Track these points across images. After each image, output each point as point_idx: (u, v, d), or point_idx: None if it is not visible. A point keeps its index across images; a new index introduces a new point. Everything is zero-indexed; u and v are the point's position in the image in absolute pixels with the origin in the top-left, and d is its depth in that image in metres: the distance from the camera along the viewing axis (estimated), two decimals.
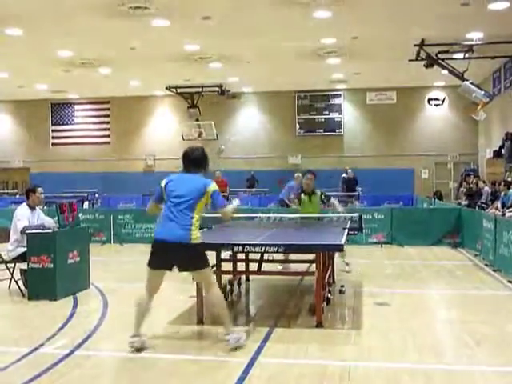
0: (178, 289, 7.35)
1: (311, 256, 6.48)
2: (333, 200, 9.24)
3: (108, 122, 25.52)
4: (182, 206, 5.10)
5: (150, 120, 25.36)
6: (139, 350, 5.15)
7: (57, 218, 7.76)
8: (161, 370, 4.79)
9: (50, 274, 7.35)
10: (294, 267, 8.53)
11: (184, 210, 5.10)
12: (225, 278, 7.59)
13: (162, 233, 5.14)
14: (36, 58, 17.07)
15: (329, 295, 7.00)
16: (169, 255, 5.10)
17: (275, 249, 5.90)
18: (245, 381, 4.46)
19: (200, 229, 5.34)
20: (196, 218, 5.15)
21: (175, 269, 5.23)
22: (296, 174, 14.21)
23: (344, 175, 20.97)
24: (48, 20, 13.17)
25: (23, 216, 7.83)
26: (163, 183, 5.28)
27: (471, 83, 16.07)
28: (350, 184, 20.26)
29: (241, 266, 7.88)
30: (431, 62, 15.75)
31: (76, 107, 25.78)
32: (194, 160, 5.31)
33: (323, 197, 9.12)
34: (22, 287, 7.73)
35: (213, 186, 5.21)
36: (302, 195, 9.20)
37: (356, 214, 8.46)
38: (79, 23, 13.41)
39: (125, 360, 5.07)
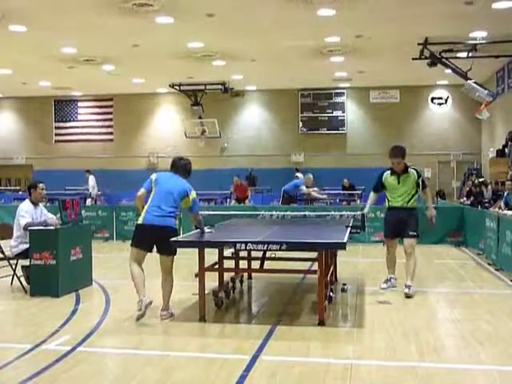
0: (180, 286, 7.34)
1: (314, 254, 6.47)
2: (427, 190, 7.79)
3: (111, 119, 25.52)
4: (169, 198, 6.22)
5: (153, 117, 25.36)
6: (146, 307, 5.94)
7: (59, 214, 7.77)
8: (162, 366, 4.79)
9: (53, 270, 7.37)
10: (294, 266, 8.53)
11: (171, 202, 6.22)
12: (227, 275, 7.63)
13: (151, 219, 6.16)
14: (39, 55, 17.07)
15: (331, 293, 6.98)
16: (154, 237, 6.13)
17: (278, 246, 5.91)
18: (246, 378, 4.46)
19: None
20: (177, 211, 6.36)
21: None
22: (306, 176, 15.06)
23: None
24: (52, 17, 13.17)
25: (27, 212, 7.84)
26: (153, 177, 6.46)
27: (475, 82, 16.03)
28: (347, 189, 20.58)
29: (243, 264, 7.89)
30: (435, 60, 15.71)
31: (79, 104, 25.76)
32: (183, 166, 6.55)
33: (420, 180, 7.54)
34: (25, 284, 7.75)
35: (194, 193, 6.39)
36: (388, 176, 7.57)
37: (358, 213, 8.44)
38: (83, 20, 13.42)
39: (127, 357, 5.08)
